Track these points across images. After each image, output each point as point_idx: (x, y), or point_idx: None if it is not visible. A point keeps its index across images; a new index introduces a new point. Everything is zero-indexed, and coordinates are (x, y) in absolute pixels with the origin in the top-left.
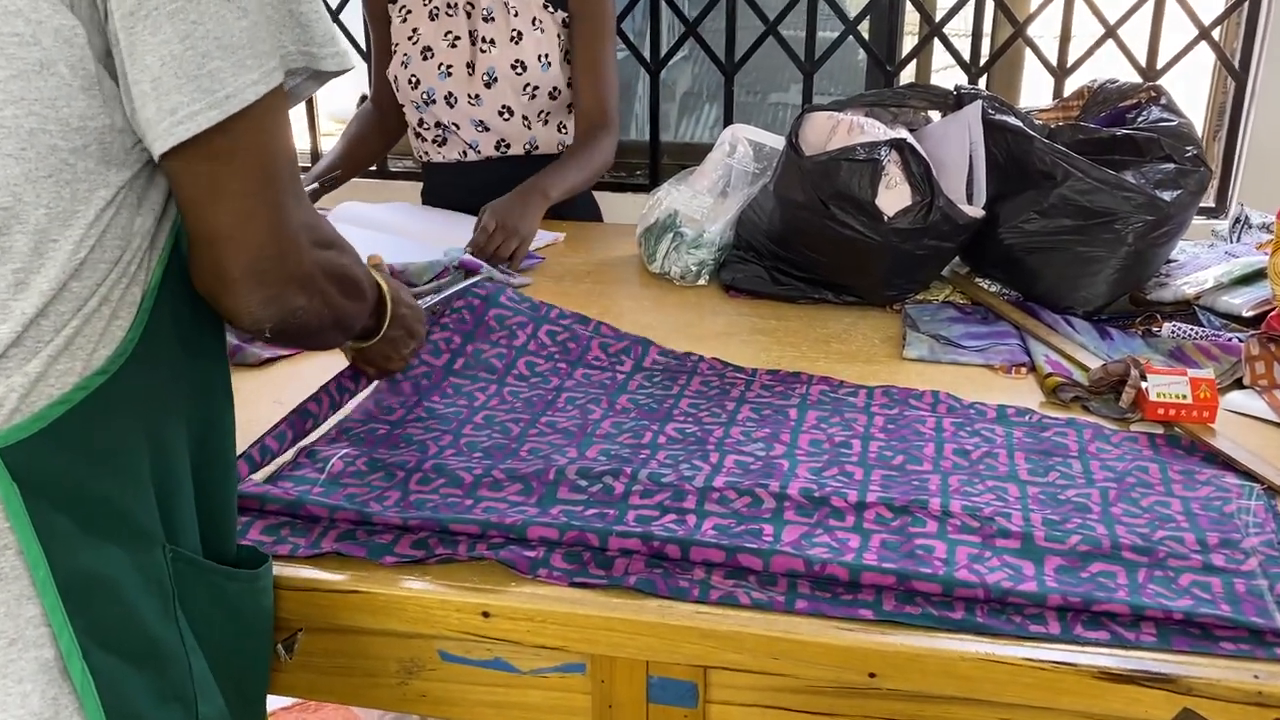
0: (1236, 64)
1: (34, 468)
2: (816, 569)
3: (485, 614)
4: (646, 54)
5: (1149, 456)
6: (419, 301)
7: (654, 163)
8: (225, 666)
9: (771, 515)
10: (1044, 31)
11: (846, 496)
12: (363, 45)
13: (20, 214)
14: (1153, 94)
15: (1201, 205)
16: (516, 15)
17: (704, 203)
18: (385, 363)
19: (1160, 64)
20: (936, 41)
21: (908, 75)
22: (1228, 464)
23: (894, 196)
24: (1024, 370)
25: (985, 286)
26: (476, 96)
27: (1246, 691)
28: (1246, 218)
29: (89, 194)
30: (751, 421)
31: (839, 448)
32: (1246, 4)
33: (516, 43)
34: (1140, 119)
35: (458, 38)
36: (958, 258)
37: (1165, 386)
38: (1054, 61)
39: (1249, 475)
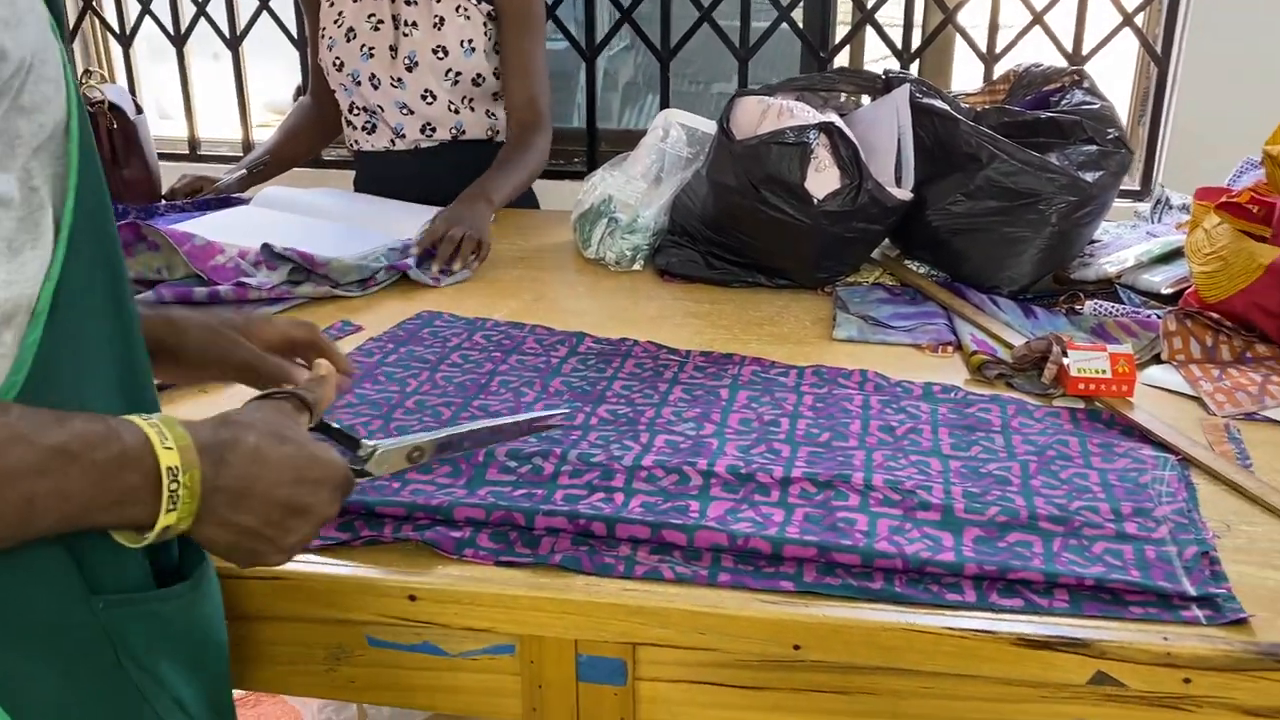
0: (1159, 50)
1: None
2: (740, 543)
3: (411, 597)
4: (583, 42)
5: (1069, 430)
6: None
7: (591, 150)
8: (191, 685)
9: (698, 492)
10: (975, 19)
11: (772, 473)
12: (294, 34)
13: None
14: (1076, 78)
15: (1127, 188)
16: (439, 1)
17: (638, 188)
18: (234, 555)
19: (1085, 50)
20: (870, 29)
21: (842, 62)
22: (1145, 436)
23: (823, 179)
24: (950, 349)
25: (915, 268)
26: (399, 80)
27: (1156, 653)
28: (1167, 199)
29: None
30: (683, 402)
31: (768, 426)
32: None
33: (438, 28)
34: (1064, 102)
35: (380, 20)
36: (888, 240)
37: (1085, 362)
38: (984, 48)
39: (1164, 447)
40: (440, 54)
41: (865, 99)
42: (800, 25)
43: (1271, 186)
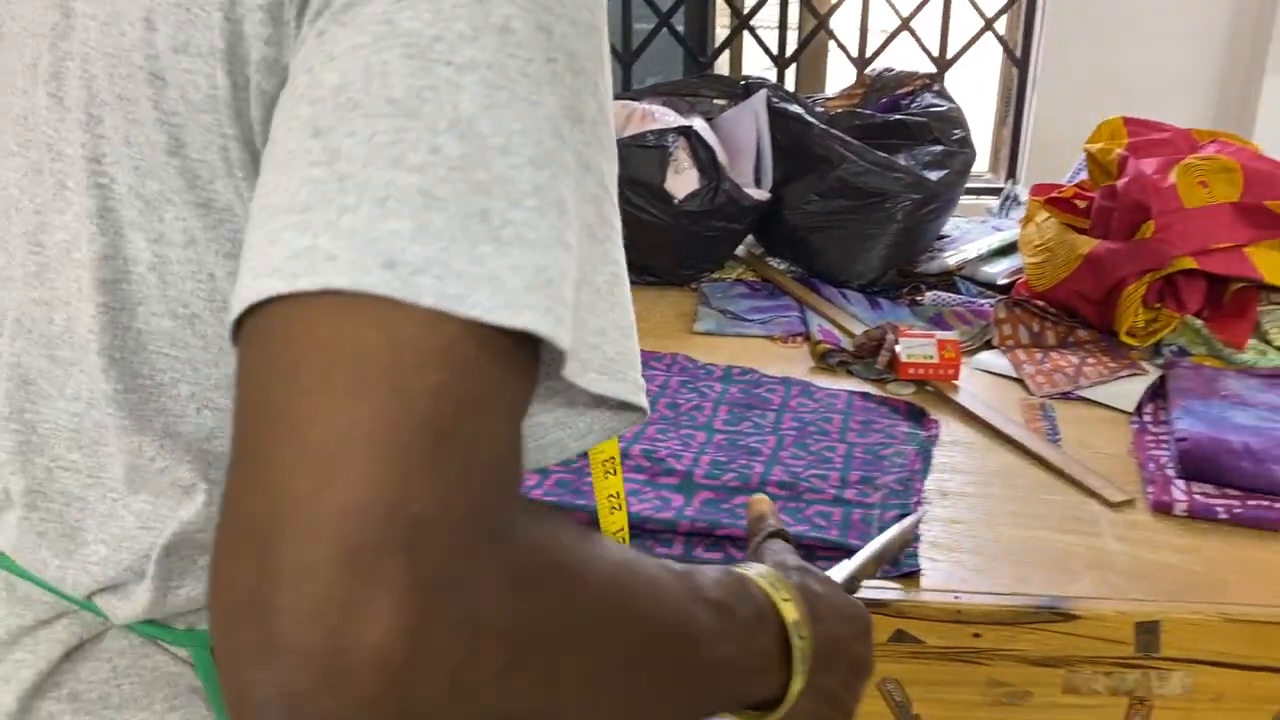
0: (1018, 54)
1: None
2: None
3: None
4: None
5: (840, 409)
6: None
7: None
8: None
9: None
10: (847, 25)
11: None
12: None
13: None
14: (926, 82)
15: (990, 185)
16: None
17: None
18: None
19: (950, 54)
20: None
21: (723, 66)
22: (909, 414)
23: (682, 181)
24: (800, 339)
25: (775, 265)
26: None
27: (948, 610)
28: (1015, 195)
29: None
30: None
31: None
32: None
33: None
34: (914, 105)
35: None
36: (752, 238)
37: (915, 348)
38: (855, 53)
39: (990, 426)
40: None
41: (728, 104)
42: (681, 30)
43: (1093, 183)
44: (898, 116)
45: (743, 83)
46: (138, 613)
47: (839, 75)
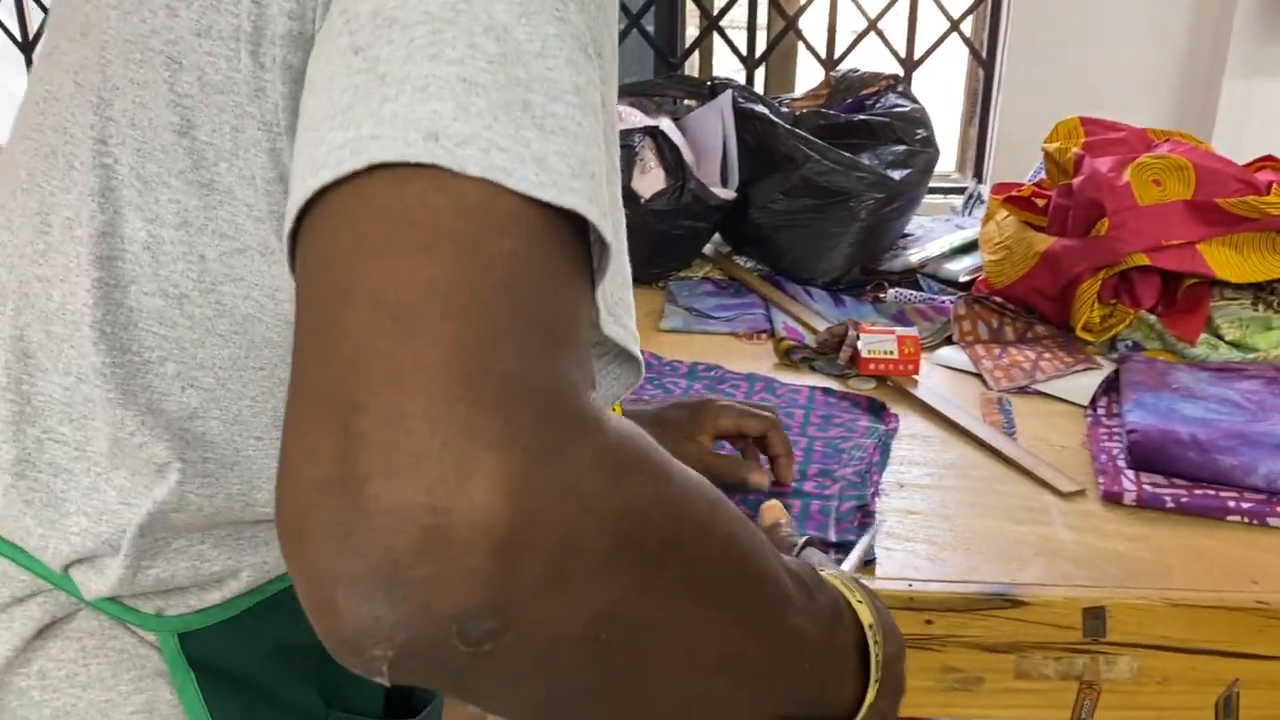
0: (984, 55)
1: (211, 656)
2: None
3: None
4: None
5: (801, 404)
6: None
7: None
8: None
9: None
10: (816, 25)
11: None
12: None
13: (222, 400)
14: (891, 82)
15: (956, 185)
16: None
17: None
18: None
19: (917, 55)
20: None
21: (693, 67)
22: (869, 409)
23: (649, 180)
24: (764, 336)
25: (742, 263)
26: None
27: (901, 598)
28: (979, 194)
29: None
30: None
31: None
32: None
33: None
34: (878, 106)
35: None
36: (720, 237)
37: (875, 344)
38: (823, 54)
39: (948, 420)
40: None
41: (695, 104)
42: (651, 32)
43: (1050, 181)
44: (862, 117)
45: (709, 83)
46: (109, 588)
47: (808, 76)
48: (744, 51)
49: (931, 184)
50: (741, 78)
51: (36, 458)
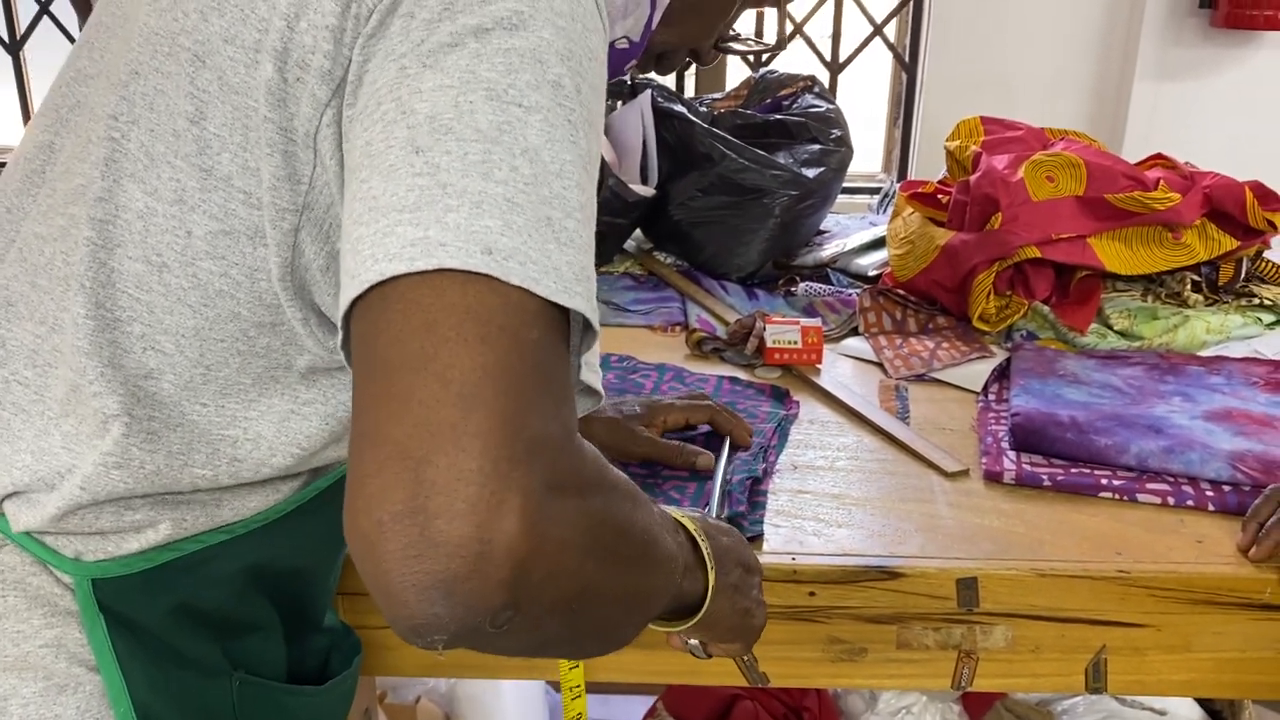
0: (906, 57)
1: (120, 603)
2: None
3: None
4: None
5: (708, 392)
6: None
7: None
8: None
9: None
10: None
11: None
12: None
13: (178, 365)
14: (808, 83)
15: (879, 185)
16: None
17: None
18: (733, 633)
19: (842, 58)
20: None
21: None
22: (773, 395)
23: None
24: (679, 329)
25: (662, 258)
26: None
27: (785, 570)
28: (893, 193)
29: (265, 374)
30: None
31: None
32: (912, 2)
33: None
34: (795, 106)
35: None
36: (641, 233)
37: (780, 334)
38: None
39: (846, 406)
40: None
41: (616, 103)
42: None
43: (952, 178)
44: (778, 117)
45: (629, 83)
46: (37, 523)
47: (739, 78)
48: None
49: (856, 184)
50: (671, 78)
51: (2, 397)
